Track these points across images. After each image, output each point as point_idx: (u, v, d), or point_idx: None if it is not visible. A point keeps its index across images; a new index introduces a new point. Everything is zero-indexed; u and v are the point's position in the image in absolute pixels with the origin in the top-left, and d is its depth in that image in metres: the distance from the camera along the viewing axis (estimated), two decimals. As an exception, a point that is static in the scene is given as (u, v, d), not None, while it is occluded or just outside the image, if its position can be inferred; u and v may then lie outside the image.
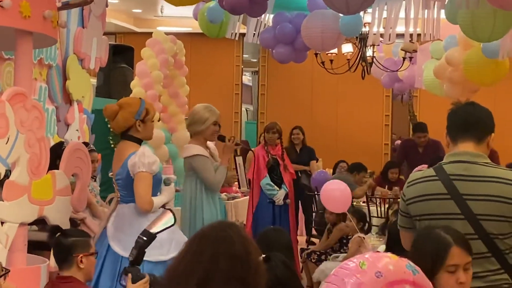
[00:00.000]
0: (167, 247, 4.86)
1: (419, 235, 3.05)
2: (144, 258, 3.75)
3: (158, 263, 4.76)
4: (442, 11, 5.82)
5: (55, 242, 3.89)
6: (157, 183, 5.06)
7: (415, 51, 8.96)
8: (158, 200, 4.98)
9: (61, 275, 3.88)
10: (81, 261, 3.88)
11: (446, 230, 2.95)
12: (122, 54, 9.45)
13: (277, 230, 4.23)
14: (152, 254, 4.80)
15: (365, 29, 8.12)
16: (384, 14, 6.27)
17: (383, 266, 2.00)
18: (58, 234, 3.89)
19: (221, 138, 6.03)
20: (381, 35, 6.44)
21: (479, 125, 3.28)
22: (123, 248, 4.52)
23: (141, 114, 4.79)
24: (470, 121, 3.28)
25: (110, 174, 5.06)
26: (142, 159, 4.64)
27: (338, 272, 2.00)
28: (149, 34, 8.32)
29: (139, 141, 4.78)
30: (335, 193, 7.18)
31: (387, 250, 4.78)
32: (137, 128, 4.75)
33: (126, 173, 4.70)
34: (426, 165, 7.92)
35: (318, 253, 7.77)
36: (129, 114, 4.72)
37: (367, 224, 7.67)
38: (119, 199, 4.85)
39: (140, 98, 5.09)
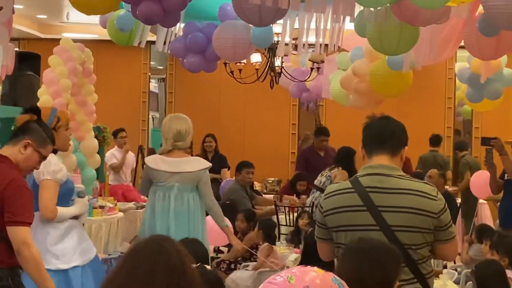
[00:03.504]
0: (69, 256, 4.83)
1: (348, 248, 3.10)
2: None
3: (57, 272, 4.71)
4: (347, 22, 5.94)
5: None
6: (68, 193, 4.99)
7: (323, 61, 9.11)
8: (66, 210, 4.91)
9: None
10: (25, 147, 3.86)
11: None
12: (29, 61, 9.22)
13: (194, 242, 4.24)
14: (53, 262, 4.75)
15: (274, 39, 8.20)
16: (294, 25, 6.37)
17: (310, 280, 2.04)
18: None
19: None
20: (295, 47, 6.54)
21: (393, 138, 3.38)
22: None
23: (52, 123, 4.71)
24: (384, 135, 3.37)
25: None
26: (47, 167, 4.57)
27: (266, 286, 2.03)
28: (55, 41, 8.17)
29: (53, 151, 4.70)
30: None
31: (302, 260, 4.86)
32: None
33: (32, 181, 4.62)
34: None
35: (227, 262, 7.78)
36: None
37: (276, 233, 7.74)
38: None
39: (51, 106, 5.01)
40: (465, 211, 9.79)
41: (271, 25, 6.22)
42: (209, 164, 6.16)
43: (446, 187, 9.69)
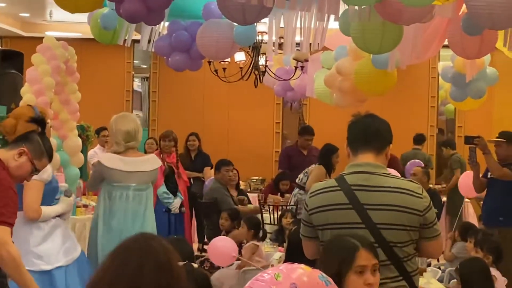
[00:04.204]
0: (53, 257, 4.81)
1: (328, 241, 3.13)
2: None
3: (41, 273, 4.70)
4: (331, 21, 5.95)
5: None
6: (52, 192, 4.98)
7: (307, 60, 9.12)
8: (49, 210, 4.90)
9: None
10: (20, 155, 3.83)
11: (353, 235, 3.04)
12: (11, 59, 9.20)
13: (179, 240, 4.23)
14: (36, 263, 4.73)
15: (258, 38, 8.21)
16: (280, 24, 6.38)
17: (298, 278, 2.05)
18: None
19: None
20: (279, 46, 6.55)
21: (378, 136, 3.39)
22: None
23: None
24: (369, 133, 3.38)
25: None
26: None
27: (254, 284, 2.03)
28: (38, 39, 8.12)
29: None
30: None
31: (287, 258, 4.86)
32: None
33: None
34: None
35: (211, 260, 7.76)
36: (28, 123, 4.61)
37: (261, 231, 7.74)
38: None
39: (28, 105, 4.99)
40: (451, 208, 9.82)
41: (254, 23, 6.23)
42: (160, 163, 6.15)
43: (430, 185, 9.75)
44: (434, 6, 4.63)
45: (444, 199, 10.32)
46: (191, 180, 9.96)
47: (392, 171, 4.06)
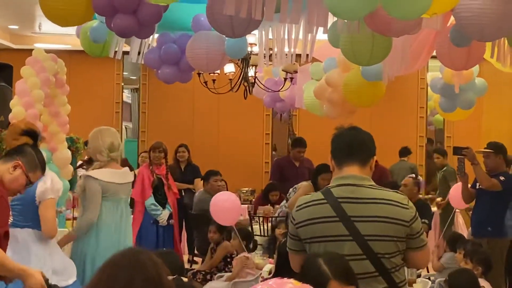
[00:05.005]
0: (69, 270, 4.86)
1: (305, 261, 3.13)
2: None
3: None
4: (320, 33, 5.97)
5: None
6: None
7: (296, 71, 9.16)
8: None
9: None
10: (15, 168, 3.84)
11: (328, 261, 3.01)
12: (1, 72, 9.20)
13: (168, 254, 4.23)
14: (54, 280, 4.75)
15: (248, 49, 8.23)
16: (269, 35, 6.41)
17: (287, 292, 2.05)
18: None
19: None
20: (269, 57, 6.57)
21: (363, 149, 3.41)
22: None
23: None
24: (354, 146, 3.40)
25: None
26: (53, 185, 4.62)
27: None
28: (27, 51, 8.11)
29: None
30: (225, 204, 7.28)
31: (277, 270, 4.86)
32: None
33: (30, 198, 4.62)
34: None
35: (203, 272, 7.76)
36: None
37: (251, 242, 7.75)
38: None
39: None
40: (445, 218, 9.79)
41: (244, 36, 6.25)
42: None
43: (420, 195, 9.76)
44: (422, 18, 4.67)
45: (434, 208, 10.32)
46: (183, 191, 9.97)
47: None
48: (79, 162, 8.83)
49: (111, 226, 5.65)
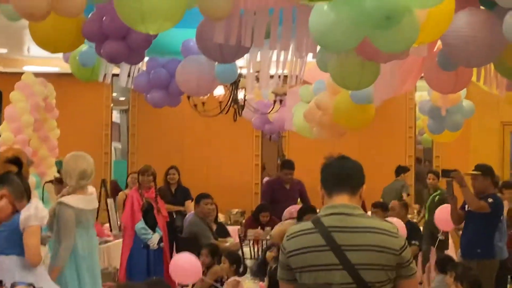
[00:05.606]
0: None
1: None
2: None
3: None
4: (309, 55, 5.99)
5: None
6: None
7: (285, 94, 9.18)
8: None
9: None
10: (1, 198, 3.85)
11: None
12: (-11, 97, 9.21)
13: (158, 283, 4.20)
14: None
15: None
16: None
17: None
18: None
19: None
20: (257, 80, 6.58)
21: (352, 178, 3.44)
22: None
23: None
24: (343, 175, 3.43)
25: None
26: (36, 212, 4.60)
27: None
28: (16, 75, 8.12)
29: None
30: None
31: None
32: None
33: (15, 225, 4.62)
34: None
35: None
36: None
37: (242, 266, 7.72)
38: None
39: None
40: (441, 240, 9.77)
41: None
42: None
43: (409, 215, 9.77)
44: (409, 45, 4.71)
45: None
46: (174, 214, 9.94)
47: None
48: (49, 178, 8.73)
49: (85, 251, 5.70)
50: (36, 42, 5.12)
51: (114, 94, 14.94)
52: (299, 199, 10.63)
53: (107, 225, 9.75)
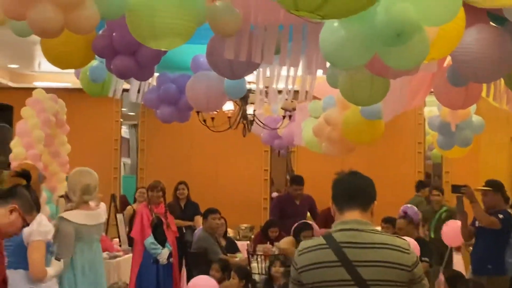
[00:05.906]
0: None
1: None
2: None
3: None
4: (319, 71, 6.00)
5: None
6: (47, 251, 5.02)
7: (294, 109, 9.19)
8: (51, 272, 4.95)
9: None
10: (11, 212, 3.80)
11: None
12: (1, 112, 9.24)
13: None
14: None
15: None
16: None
17: None
18: None
19: None
20: (266, 95, 6.60)
21: (363, 194, 3.45)
22: None
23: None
24: (354, 191, 3.44)
25: None
26: (39, 227, 4.61)
27: None
28: (27, 90, 8.15)
29: None
30: None
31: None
32: None
33: (20, 239, 4.64)
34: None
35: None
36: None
37: (250, 281, 7.71)
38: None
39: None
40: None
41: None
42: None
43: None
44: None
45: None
46: (183, 229, 9.95)
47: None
48: (61, 193, 8.80)
49: (85, 266, 5.70)
50: (47, 58, 5.15)
51: (124, 109, 14.99)
52: (308, 214, 10.64)
53: (117, 239, 9.76)
